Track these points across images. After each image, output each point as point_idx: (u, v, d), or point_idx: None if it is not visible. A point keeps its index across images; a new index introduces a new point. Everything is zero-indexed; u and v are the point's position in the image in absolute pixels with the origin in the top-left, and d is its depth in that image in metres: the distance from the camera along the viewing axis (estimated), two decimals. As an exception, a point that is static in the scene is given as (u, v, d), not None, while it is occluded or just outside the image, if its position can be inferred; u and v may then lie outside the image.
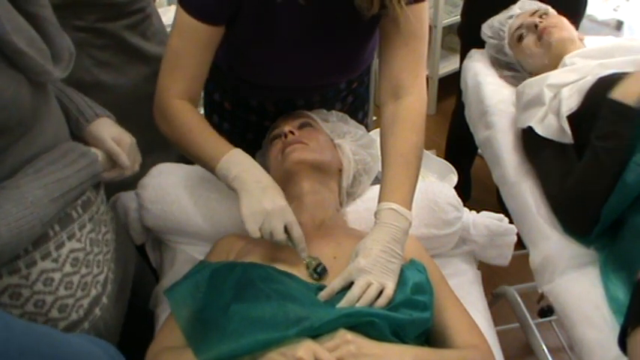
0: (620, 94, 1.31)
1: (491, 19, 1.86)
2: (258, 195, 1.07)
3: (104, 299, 1.05)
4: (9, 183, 0.86)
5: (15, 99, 0.83)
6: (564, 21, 1.69)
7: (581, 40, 1.68)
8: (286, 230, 1.07)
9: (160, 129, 1.20)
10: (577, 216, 1.34)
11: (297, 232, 1.07)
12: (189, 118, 1.17)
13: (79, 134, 1.05)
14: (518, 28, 1.74)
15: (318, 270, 1.05)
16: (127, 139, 1.10)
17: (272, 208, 1.06)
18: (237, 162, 1.12)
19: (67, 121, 1.03)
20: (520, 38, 1.72)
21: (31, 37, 0.85)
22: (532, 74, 1.66)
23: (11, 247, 0.84)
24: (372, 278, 0.99)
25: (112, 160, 1.07)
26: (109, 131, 1.07)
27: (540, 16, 1.71)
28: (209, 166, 1.15)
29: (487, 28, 1.85)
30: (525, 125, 1.50)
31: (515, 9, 1.81)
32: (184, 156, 1.46)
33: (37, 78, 0.88)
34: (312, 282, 1.04)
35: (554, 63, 1.61)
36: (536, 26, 1.67)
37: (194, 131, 1.16)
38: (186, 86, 1.17)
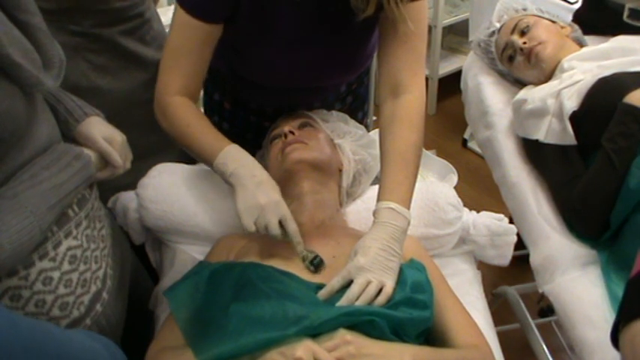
0: (636, 99, 1.31)
1: (477, 36, 1.81)
2: (252, 189, 1.09)
3: (104, 295, 1.05)
4: (5, 192, 0.85)
5: (10, 111, 0.83)
6: (548, 28, 1.62)
7: (568, 35, 1.64)
8: (282, 225, 1.07)
9: (161, 126, 1.21)
10: (587, 221, 1.34)
11: (291, 226, 1.07)
12: (188, 114, 1.18)
13: (68, 134, 1.05)
14: (505, 49, 1.68)
15: (315, 262, 1.05)
16: (118, 137, 1.10)
17: (266, 202, 1.07)
18: (233, 158, 1.13)
19: (56, 122, 1.03)
20: (510, 59, 1.67)
21: (25, 48, 0.85)
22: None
23: (13, 259, 0.83)
24: (371, 276, 0.99)
25: (104, 160, 1.06)
26: (99, 130, 1.07)
27: (521, 33, 1.64)
28: (207, 162, 1.16)
29: (476, 47, 1.83)
30: (530, 137, 1.50)
31: (494, 22, 1.76)
32: (183, 157, 1.46)
33: (31, 89, 0.87)
34: (311, 281, 1.04)
35: (550, 74, 1.60)
36: (521, 49, 1.61)
37: (192, 127, 1.17)
38: (185, 83, 1.18)
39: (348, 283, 1.00)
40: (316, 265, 1.05)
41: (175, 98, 1.18)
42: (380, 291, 0.99)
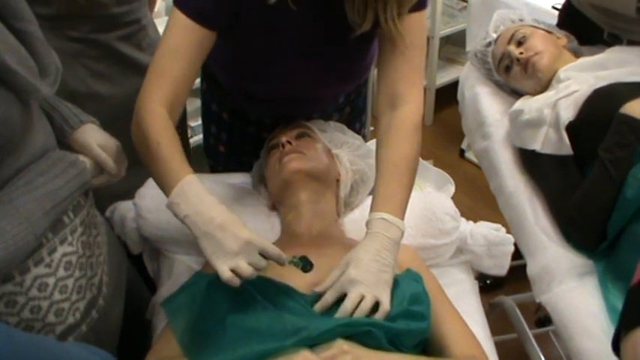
0: (633, 109, 1.32)
1: (473, 46, 1.82)
2: (218, 237, 0.96)
3: (100, 301, 1.04)
4: (0, 197, 0.85)
5: (5, 118, 0.83)
6: (544, 39, 1.62)
7: (564, 46, 1.64)
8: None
9: (133, 132, 1.09)
10: (583, 231, 1.35)
11: (272, 250, 0.98)
12: (163, 132, 1.06)
13: (63, 142, 1.05)
14: (501, 59, 1.68)
15: (306, 266, 1.02)
16: (113, 144, 1.10)
17: (239, 246, 0.95)
18: (186, 200, 0.99)
19: (51, 129, 1.03)
20: (507, 69, 1.68)
21: (21, 55, 0.85)
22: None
23: (7, 264, 0.83)
24: (364, 290, 0.97)
25: (100, 167, 1.06)
26: (94, 138, 1.07)
27: (518, 44, 1.64)
28: (163, 190, 1.04)
29: (473, 57, 1.83)
30: (527, 147, 1.50)
31: (490, 33, 1.76)
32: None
33: (27, 96, 0.88)
34: (308, 293, 1.03)
35: (547, 84, 1.60)
36: (518, 59, 1.61)
37: (162, 146, 1.04)
38: (171, 90, 1.09)
39: (343, 296, 0.98)
40: (305, 264, 1.02)
41: (157, 109, 1.07)
42: (375, 305, 0.98)
